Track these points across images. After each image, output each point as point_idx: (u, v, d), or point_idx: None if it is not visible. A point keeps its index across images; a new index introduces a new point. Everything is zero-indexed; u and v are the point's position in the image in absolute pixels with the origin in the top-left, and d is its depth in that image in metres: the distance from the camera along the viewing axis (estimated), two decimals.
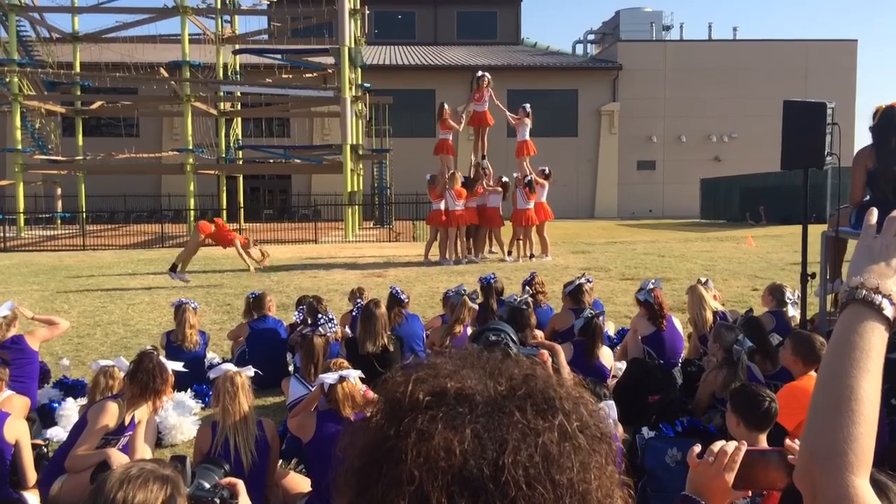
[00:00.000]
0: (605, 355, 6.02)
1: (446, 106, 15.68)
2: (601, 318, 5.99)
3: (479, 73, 16.28)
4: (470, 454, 0.73)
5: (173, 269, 12.14)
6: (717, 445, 1.73)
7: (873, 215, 1.22)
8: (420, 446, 0.74)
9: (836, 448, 1.02)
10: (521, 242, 14.82)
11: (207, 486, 2.68)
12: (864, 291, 1.11)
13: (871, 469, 1.04)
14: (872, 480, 1.04)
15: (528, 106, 15.69)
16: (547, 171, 15.19)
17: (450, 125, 15.39)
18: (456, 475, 0.72)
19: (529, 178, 14.57)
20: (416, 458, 0.73)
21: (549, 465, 0.74)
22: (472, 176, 15.22)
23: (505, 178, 14.96)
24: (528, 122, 15.42)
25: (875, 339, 1.08)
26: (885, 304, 1.10)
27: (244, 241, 13.07)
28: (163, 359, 4.44)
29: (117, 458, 4.01)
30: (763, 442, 3.56)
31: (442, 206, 14.40)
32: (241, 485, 2.72)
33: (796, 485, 1.08)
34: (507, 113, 16.10)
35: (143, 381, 4.22)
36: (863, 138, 7.13)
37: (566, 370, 4.45)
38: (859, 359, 1.06)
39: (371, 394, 4.48)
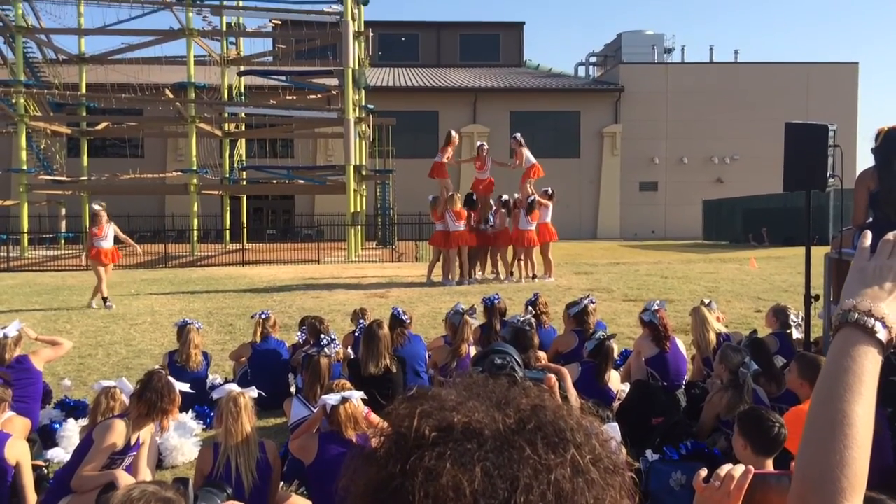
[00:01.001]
0: (614, 379, 6.00)
1: (454, 134, 15.81)
2: (612, 340, 5.98)
3: (479, 142, 16.40)
4: (480, 494, 0.70)
5: (104, 300, 12.39)
6: (724, 469, 1.72)
7: (867, 238, 1.22)
8: (428, 486, 0.71)
9: (828, 473, 1.01)
10: (522, 263, 14.81)
11: None
12: (857, 314, 1.10)
13: (864, 493, 1.03)
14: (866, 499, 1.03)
15: (518, 135, 15.79)
16: (550, 192, 15.22)
17: (450, 155, 15.48)
18: None
19: (532, 198, 14.58)
20: (423, 499, 0.71)
21: (563, 502, 0.72)
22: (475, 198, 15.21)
23: (506, 197, 14.97)
24: (526, 149, 15.44)
25: (868, 362, 1.07)
26: (878, 327, 1.08)
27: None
28: (171, 379, 4.43)
29: (124, 479, 3.99)
30: (770, 466, 3.53)
31: (443, 227, 14.45)
32: None
33: None
34: (508, 161, 16.13)
35: (151, 400, 4.20)
36: (864, 160, 7.14)
37: (573, 395, 4.42)
38: (852, 383, 1.05)
39: (373, 416, 4.46)
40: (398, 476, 0.73)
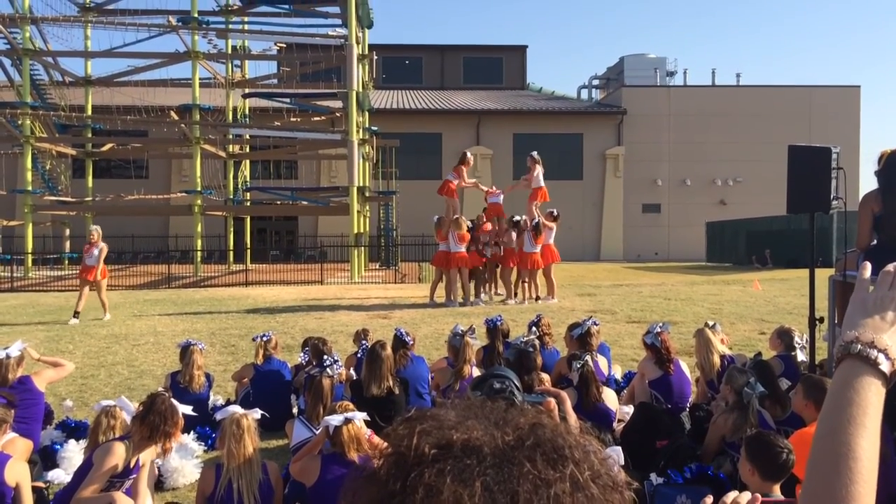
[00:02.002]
0: (610, 398, 5.95)
1: (469, 156, 15.95)
2: (593, 361, 5.91)
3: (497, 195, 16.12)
4: None
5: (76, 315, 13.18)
6: (731, 497, 1.70)
7: (867, 270, 1.21)
8: (428, 502, 0.71)
9: None
10: (526, 285, 14.81)
11: None
12: (860, 346, 1.09)
13: None
14: None
15: (535, 153, 15.80)
16: (556, 213, 15.24)
17: (463, 175, 15.51)
18: None
19: (537, 221, 14.61)
20: None
21: None
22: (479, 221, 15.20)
23: (517, 218, 14.97)
24: (540, 167, 15.52)
25: (871, 394, 1.06)
26: (881, 358, 1.08)
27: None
28: (174, 401, 4.41)
29: (123, 501, 3.96)
30: (777, 492, 3.49)
31: (446, 247, 14.46)
32: None
33: None
34: (522, 180, 16.10)
35: (154, 423, 4.18)
36: (867, 183, 7.16)
37: (573, 418, 4.40)
38: (856, 415, 1.04)
39: (376, 438, 4.44)
40: (398, 494, 0.73)
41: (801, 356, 6.83)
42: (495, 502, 0.71)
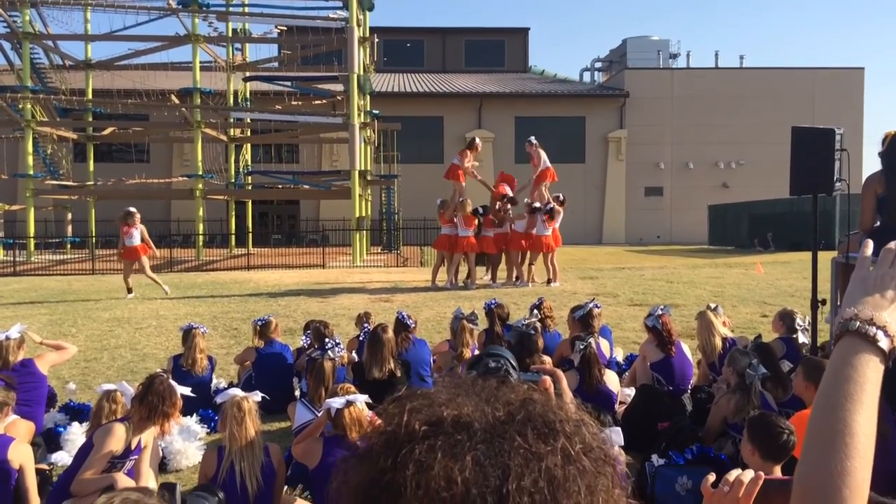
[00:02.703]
0: (612, 380, 5.95)
1: (477, 141, 15.95)
2: (592, 342, 5.90)
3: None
4: (472, 483, 0.70)
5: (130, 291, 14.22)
6: (733, 475, 1.70)
7: (869, 247, 1.20)
8: (419, 477, 0.71)
9: (829, 483, 1.00)
10: (534, 268, 14.85)
11: None
12: (859, 323, 1.09)
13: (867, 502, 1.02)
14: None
15: (532, 138, 15.79)
16: (562, 198, 15.25)
17: (470, 159, 15.45)
18: None
19: (551, 205, 14.68)
20: (415, 491, 0.70)
21: (556, 489, 0.72)
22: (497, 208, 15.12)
23: (537, 204, 14.98)
24: (542, 150, 15.51)
25: (870, 371, 1.06)
26: (880, 335, 1.07)
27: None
28: (173, 382, 4.43)
29: (124, 482, 3.98)
30: (778, 473, 3.49)
31: (450, 231, 14.47)
32: None
33: None
34: (532, 179, 15.68)
35: (152, 403, 4.20)
36: (870, 166, 7.13)
37: (568, 396, 4.40)
38: (853, 392, 1.04)
39: (378, 420, 4.44)
40: (389, 470, 0.73)
41: (803, 338, 6.83)
42: (486, 477, 0.71)
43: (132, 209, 15.09)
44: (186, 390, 4.53)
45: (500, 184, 15.60)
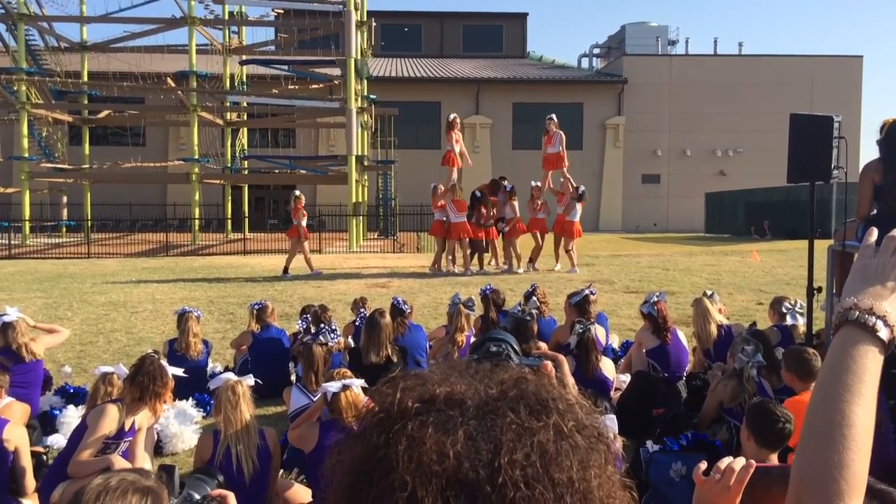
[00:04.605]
0: (607, 367, 5.96)
1: (451, 117, 15.80)
2: (592, 329, 5.91)
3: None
4: (464, 457, 0.71)
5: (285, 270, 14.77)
6: (724, 463, 1.70)
7: (872, 235, 1.18)
8: (411, 452, 0.71)
9: (826, 475, 0.99)
10: (572, 253, 14.86)
11: (197, 496, 2.62)
12: (858, 313, 1.07)
13: (863, 496, 1.00)
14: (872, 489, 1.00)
15: (553, 116, 15.92)
16: (581, 190, 15.51)
17: (458, 138, 15.44)
18: (450, 479, 0.70)
19: (582, 190, 14.91)
20: (407, 465, 0.71)
21: (548, 463, 0.72)
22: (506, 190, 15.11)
23: (582, 188, 15.16)
24: (560, 133, 15.70)
25: (869, 362, 1.04)
26: (880, 325, 1.05)
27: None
28: (163, 362, 4.43)
29: (120, 464, 3.98)
30: (774, 460, 3.51)
31: (441, 216, 14.47)
32: (231, 497, 2.67)
33: None
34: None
35: (143, 383, 4.21)
36: (868, 155, 7.12)
37: (570, 380, 4.41)
38: (852, 383, 1.02)
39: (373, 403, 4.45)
40: (382, 447, 0.74)
41: (791, 320, 6.85)
42: (478, 451, 0.71)
43: (298, 192, 16.06)
44: (178, 371, 4.53)
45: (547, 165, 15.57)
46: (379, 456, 0.73)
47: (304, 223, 15.33)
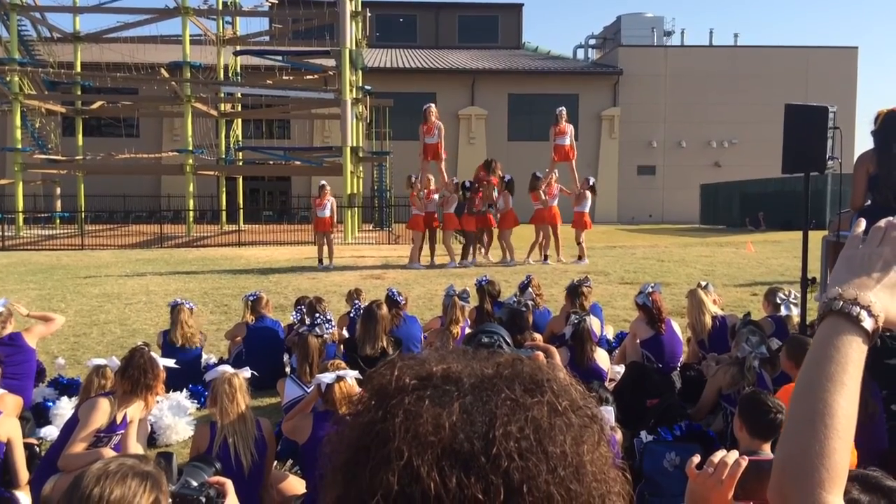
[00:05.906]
0: (602, 357, 5.97)
1: (426, 106, 15.71)
2: (587, 320, 5.91)
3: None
4: (459, 428, 0.73)
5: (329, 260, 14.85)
6: (717, 456, 1.70)
7: (860, 225, 1.18)
8: (408, 423, 0.73)
9: (808, 464, 0.99)
10: (582, 245, 14.92)
11: (194, 483, 2.62)
12: (843, 303, 1.06)
13: (844, 485, 1.00)
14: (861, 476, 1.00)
15: (563, 109, 15.93)
16: (591, 182, 15.70)
17: (430, 127, 15.37)
18: (446, 449, 0.72)
19: (593, 181, 15.06)
20: (403, 436, 0.73)
21: (541, 437, 0.74)
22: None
23: (593, 180, 15.35)
24: (568, 126, 15.72)
25: (852, 351, 1.04)
26: (864, 315, 1.05)
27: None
28: (154, 355, 4.41)
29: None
30: (767, 450, 3.52)
31: (418, 211, 14.54)
32: (229, 484, 2.67)
33: (769, 500, 1.04)
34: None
35: (133, 376, 4.20)
36: (862, 145, 7.11)
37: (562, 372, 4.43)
38: (835, 372, 1.02)
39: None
40: (379, 421, 0.76)
41: (785, 311, 6.86)
42: (473, 424, 0.73)
43: (324, 182, 16.17)
44: (170, 363, 4.52)
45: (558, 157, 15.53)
46: (376, 430, 0.75)
47: (326, 213, 15.58)
